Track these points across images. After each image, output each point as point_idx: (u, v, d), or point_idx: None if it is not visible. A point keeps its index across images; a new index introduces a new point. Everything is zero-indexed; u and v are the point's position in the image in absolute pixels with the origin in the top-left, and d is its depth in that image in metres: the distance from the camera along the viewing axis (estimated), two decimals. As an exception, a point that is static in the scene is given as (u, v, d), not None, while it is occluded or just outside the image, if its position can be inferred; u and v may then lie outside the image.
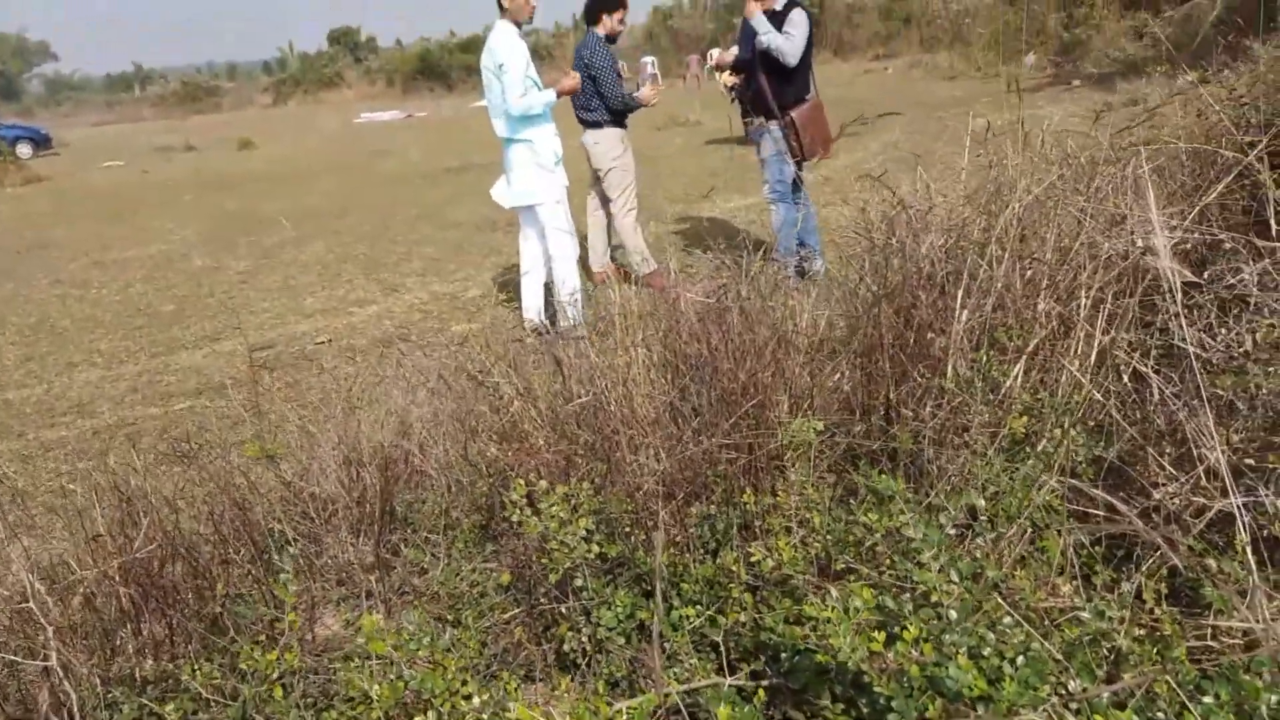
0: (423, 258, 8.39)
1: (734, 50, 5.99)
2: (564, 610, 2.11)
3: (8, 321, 7.59)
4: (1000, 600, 1.54)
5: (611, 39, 6.15)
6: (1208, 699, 1.34)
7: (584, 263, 6.74)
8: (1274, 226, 2.08)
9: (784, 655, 1.67)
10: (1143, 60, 10.73)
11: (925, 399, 2.21)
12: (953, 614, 1.48)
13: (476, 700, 1.65)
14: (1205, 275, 2.08)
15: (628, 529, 2.22)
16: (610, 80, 5.96)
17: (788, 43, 5.40)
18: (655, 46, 34.37)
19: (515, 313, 5.95)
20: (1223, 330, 1.93)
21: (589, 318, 4.39)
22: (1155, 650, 1.51)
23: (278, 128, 29.58)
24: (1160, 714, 1.37)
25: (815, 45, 5.72)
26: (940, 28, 25.74)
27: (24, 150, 26.90)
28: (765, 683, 1.68)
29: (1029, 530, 1.88)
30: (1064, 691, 1.39)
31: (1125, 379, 2.14)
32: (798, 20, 5.46)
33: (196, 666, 1.97)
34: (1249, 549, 1.58)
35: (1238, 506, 1.60)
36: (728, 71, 6.03)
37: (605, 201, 6.50)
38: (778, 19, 5.49)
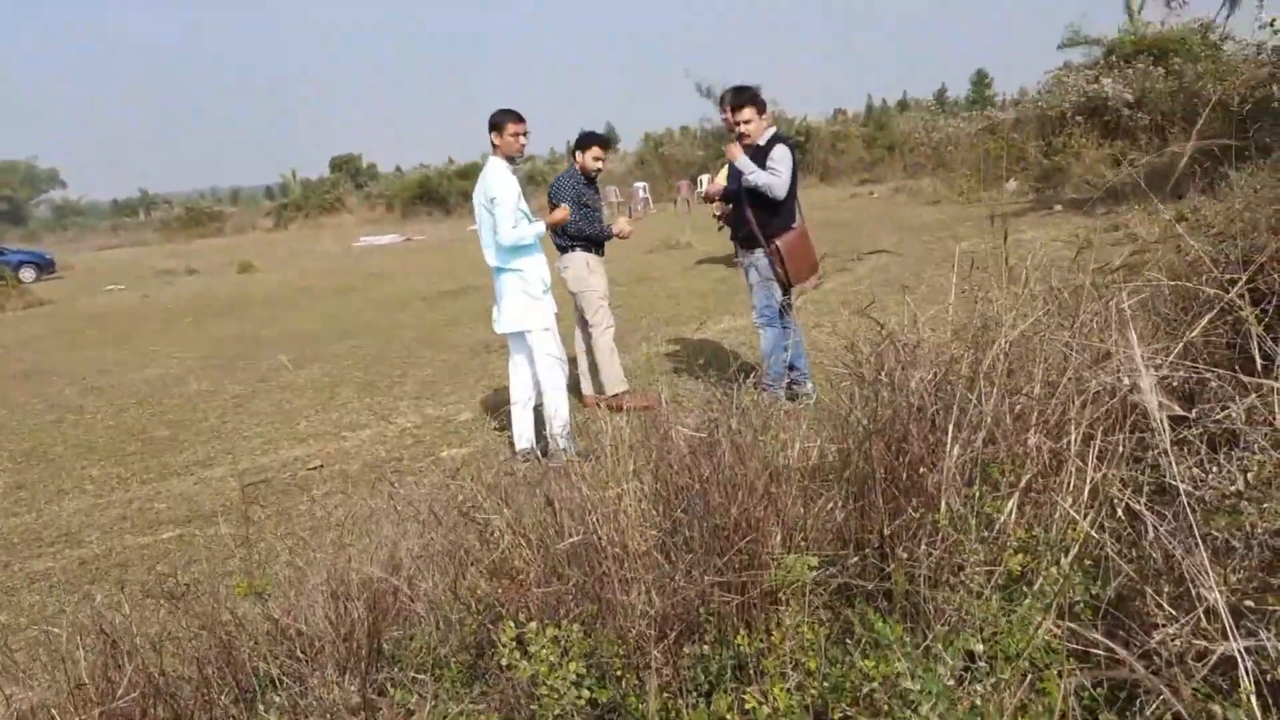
0: (418, 380, 8.43)
1: (723, 177, 6.17)
2: (554, 759, 2.04)
3: (1, 448, 7.56)
4: (1002, 753, 1.49)
5: (586, 174, 6.48)
6: None
7: (575, 389, 6.82)
8: (1258, 362, 2.11)
9: (781, 811, 1.61)
10: (1122, 186, 11.05)
11: (920, 534, 2.19)
12: (954, 769, 1.43)
13: None
14: (1194, 412, 2.10)
15: (619, 672, 2.17)
16: (569, 209, 6.23)
17: (774, 179, 5.57)
18: (647, 172, 35.41)
19: (507, 437, 5.94)
20: (1214, 468, 1.94)
21: (580, 447, 4.39)
22: (1164, 806, 1.47)
23: (279, 251, 30.14)
24: None
25: (801, 171, 5.90)
26: (923, 154, 26.58)
27: (27, 274, 27.38)
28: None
29: (1029, 674, 1.84)
30: None
31: (1119, 513, 2.13)
32: (780, 156, 5.63)
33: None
34: (1253, 695, 1.55)
35: (1239, 650, 1.58)
36: (717, 201, 6.20)
37: (586, 324, 6.67)
38: (761, 153, 5.67)
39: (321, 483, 5.70)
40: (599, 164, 6.49)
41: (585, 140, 6.51)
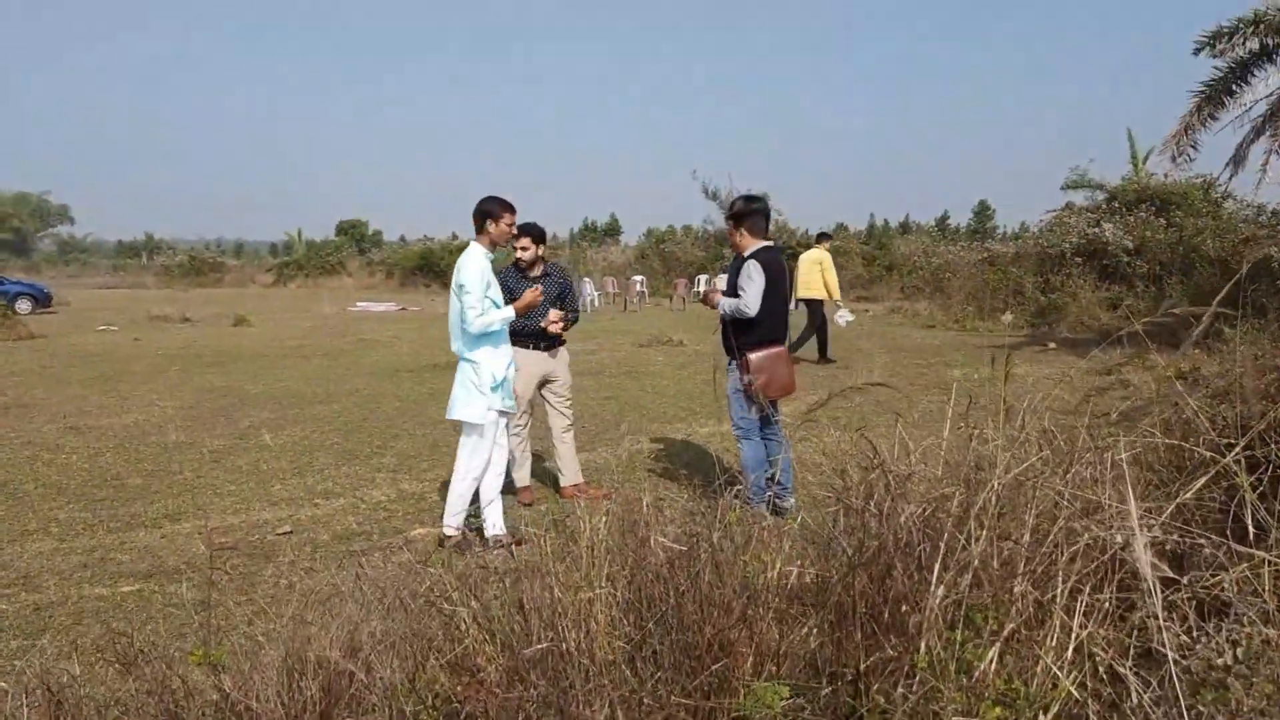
0: (396, 453, 8.34)
1: (723, 280, 6.23)
2: None
3: (-31, 481, 7.41)
4: None
5: (518, 265, 6.60)
6: None
7: (554, 482, 6.80)
8: (1251, 531, 2.09)
9: None
10: (1116, 329, 11.19)
11: (896, 675, 2.14)
12: None
13: None
14: (1185, 577, 2.06)
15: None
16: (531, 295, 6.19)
17: (740, 302, 5.63)
18: (646, 266, 35.84)
19: (477, 524, 5.84)
20: (1203, 637, 1.90)
21: (557, 547, 4.31)
22: None
23: (275, 308, 30.22)
24: None
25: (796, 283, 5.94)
26: (921, 278, 26.98)
27: (23, 306, 27.41)
28: None
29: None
30: None
31: (1102, 674, 2.08)
32: (746, 273, 5.70)
33: None
34: None
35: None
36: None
37: (560, 418, 6.70)
38: (739, 263, 5.76)
39: (289, 550, 5.58)
40: (519, 253, 6.55)
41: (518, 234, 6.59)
